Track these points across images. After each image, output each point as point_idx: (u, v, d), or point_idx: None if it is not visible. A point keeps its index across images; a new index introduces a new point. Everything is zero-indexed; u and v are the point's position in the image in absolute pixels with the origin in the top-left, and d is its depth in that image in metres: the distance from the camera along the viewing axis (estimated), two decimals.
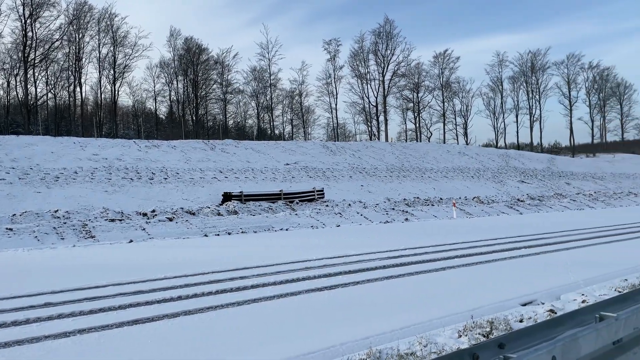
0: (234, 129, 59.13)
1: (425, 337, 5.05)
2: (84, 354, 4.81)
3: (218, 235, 16.88)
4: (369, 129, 59.60)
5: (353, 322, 5.73)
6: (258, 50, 75.33)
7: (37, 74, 44.42)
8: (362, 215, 22.31)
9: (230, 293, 7.38)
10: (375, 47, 56.91)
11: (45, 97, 47.36)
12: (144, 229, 17.00)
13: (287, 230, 18.21)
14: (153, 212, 19.79)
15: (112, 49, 48.74)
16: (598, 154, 68.82)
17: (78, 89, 48.44)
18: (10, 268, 10.59)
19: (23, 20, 41.09)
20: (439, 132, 64.75)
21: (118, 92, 51.24)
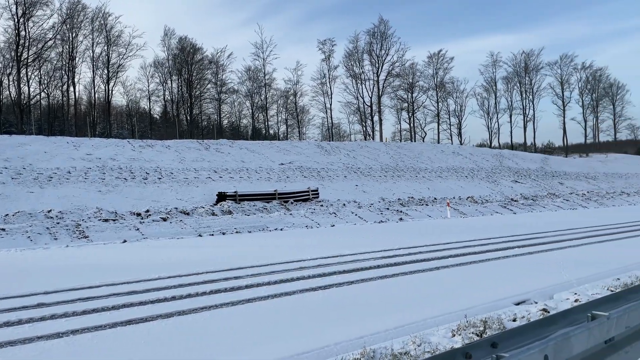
0: (229, 129, 59.01)
1: (419, 336, 5.06)
2: (77, 355, 4.79)
3: (212, 235, 16.84)
4: (364, 129, 59.75)
5: (347, 321, 5.74)
6: (252, 50, 75.39)
7: (30, 74, 44.20)
8: (356, 215, 22.33)
9: (225, 293, 7.37)
10: (370, 47, 57.05)
11: (39, 96, 47.13)
12: (138, 229, 16.94)
13: (281, 230, 18.20)
14: (147, 212, 19.72)
15: (105, 49, 48.54)
16: (591, 154, 69.28)
17: (71, 89, 48.22)
18: (3, 268, 10.52)
19: (16, 19, 40.82)
20: (433, 132, 65.14)
21: (112, 91, 51.31)
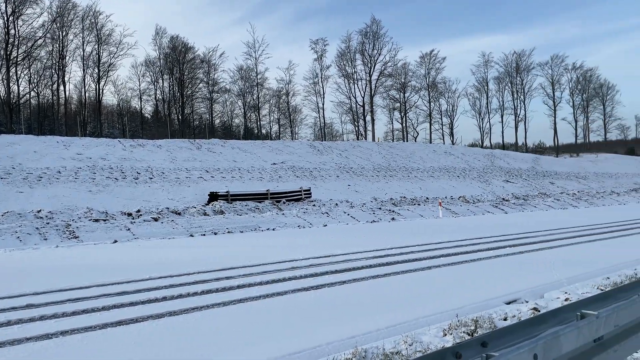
0: (221, 129, 58.82)
1: (411, 336, 5.07)
2: (67, 356, 4.75)
3: (204, 235, 16.78)
4: (356, 129, 59.85)
5: (339, 321, 5.74)
6: (245, 49, 75.10)
7: (19, 72, 43.72)
8: (349, 215, 22.35)
9: (216, 293, 7.34)
10: (362, 47, 57.17)
11: (28, 95, 46.64)
12: (129, 229, 16.84)
13: (274, 230, 18.17)
14: (138, 212, 19.60)
15: (96, 47, 48.20)
16: (581, 154, 69.87)
17: (62, 88, 47.84)
18: None
19: (5, 18, 40.36)
20: (425, 132, 65.64)
21: (102, 90, 50.78)
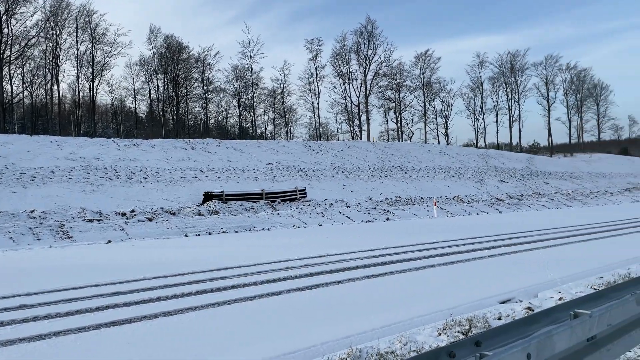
0: (215, 128, 58.69)
1: (405, 335, 5.08)
2: (60, 356, 4.72)
3: (199, 236, 16.73)
4: (351, 129, 59.83)
5: (334, 321, 5.74)
6: (240, 49, 74.71)
7: (12, 71, 43.43)
8: (344, 215, 22.35)
9: (211, 293, 7.32)
10: (357, 46, 57.14)
11: (22, 95, 46.37)
12: (123, 229, 16.77)
13: (268, 230, 18.15)
14: (132, 212, 19.53)
15: (90, 47, 47.90)
16: (575, 154, 70.20)
17: (55, 87, 47.51)
18: None
19: None
20: (420, 131, 65.34)
21: (96, 90, 50.50)
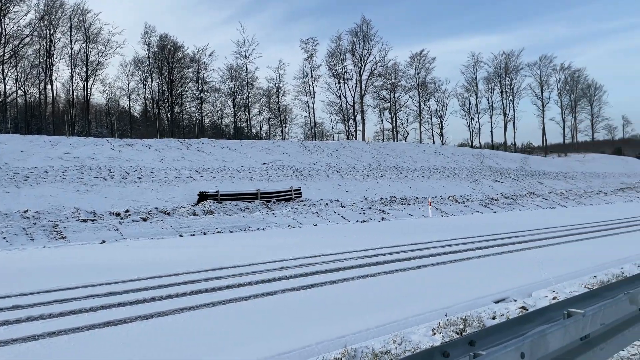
0: (210, 128, 58.56)
1: (400, 335, 5.08)
2: (54, 357, 4.70)
3: (193, 236, 16.69)
4: (346, 129, 59.87)
5: (329, 321, 5.74)
6: (235, 49, 74.50)
7: (6, 71, 43.18)
8: (339, 215, 22.36)
9: (205, 294, 7.30)
10: (353, 46, 57.15)
11: (15, 94, 46.06)
12: (117, 230, 16.70)
13: (264, 230, 18.13)
14: (126, 212, 19.45)
15: (84, 46, 47.73)
16: (569, 154, 70.53)
17: (49, 86, 47.29)
18: None
19: None
20: (415, 131, 65.53)
21: (91, 89, 50.22)
